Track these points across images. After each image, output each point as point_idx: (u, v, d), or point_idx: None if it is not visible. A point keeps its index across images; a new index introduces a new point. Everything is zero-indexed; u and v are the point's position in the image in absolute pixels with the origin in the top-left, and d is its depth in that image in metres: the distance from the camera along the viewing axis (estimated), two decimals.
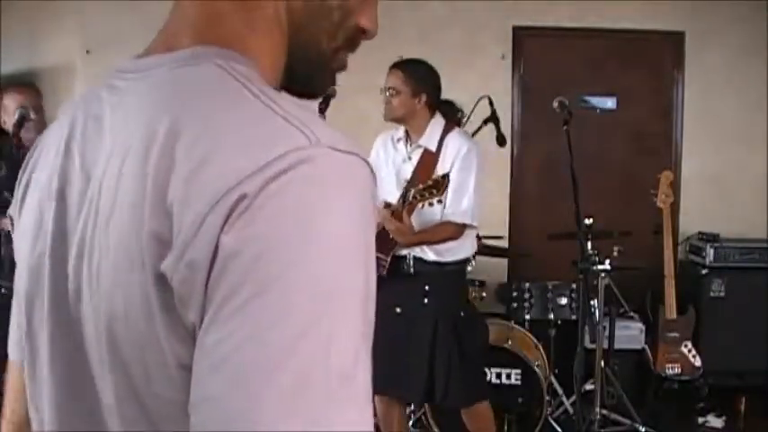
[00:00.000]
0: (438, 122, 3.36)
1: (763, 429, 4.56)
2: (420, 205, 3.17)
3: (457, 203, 3.24)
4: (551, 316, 4.37)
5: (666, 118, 5.36)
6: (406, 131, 3.41)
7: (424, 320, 3.30)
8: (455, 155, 3.27)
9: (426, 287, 3.31)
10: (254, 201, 0.59)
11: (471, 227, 3.31)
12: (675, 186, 4.81)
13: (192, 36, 0.75)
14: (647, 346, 4.58)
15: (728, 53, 5.21)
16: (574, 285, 4.28)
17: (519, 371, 3.87)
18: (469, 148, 3.28)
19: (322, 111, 3.33)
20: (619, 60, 5.27)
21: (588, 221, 3.80)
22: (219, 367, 0.57)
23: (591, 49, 5.25)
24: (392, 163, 3.45)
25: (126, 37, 5.02)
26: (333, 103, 3.49)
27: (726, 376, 4.69)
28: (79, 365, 0.72)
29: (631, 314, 4.71)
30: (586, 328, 3.72)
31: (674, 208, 4.86)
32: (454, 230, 3.26)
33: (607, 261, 3.96)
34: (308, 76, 0.83)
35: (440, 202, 3.16)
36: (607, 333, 4.18)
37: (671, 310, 4.50)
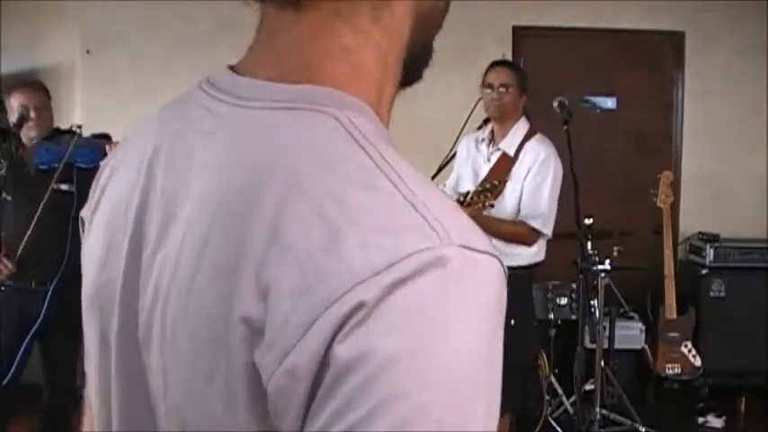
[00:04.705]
0: (521, 127, 3.37)
1: (763, 429, 4.56)
2: (475, 207, 3.19)
3: (532, 207, 3.24)
4: (551, 316, 4.37)
5: (666, 118, 5.35)
6: (491, 133, 3.42)
7: None
8: (532, 162, 3.29)
9: None
10: (375, 310, 0.52)
11: (543, 236, 3.28)
12: (675, 186, 4.81)
13: (306, 67, 0.65)
14: (647, 346, 4.59)
15: (728, 53, 5.21)
16: (574, 285, 4.28)
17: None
18: (547, 157, 3.29)
19: None
20: (619, 60, 5.27)
21: (588, 221, 3.81)
22: None
23: (591, 49, 5.25)
24: (472, 163, 3.47)
25: (126, 37, 5.03)
26: None
27: (726, 376, 4.69)
28: (145, 413, 0.67)
29: (631, 314, 4.72)
30: (586, 328, 3.73)
31: (674, 208, 4.86)
32: (526, 233, 3.24)
33: (607, 261, 3.96)
34: (418, 70, 0.75)
35: (492, 206, 3.17)
36: (607, 333, 4.19)
37: (671, 310, 4.50)
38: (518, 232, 3.25)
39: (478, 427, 0.53)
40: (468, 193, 3.29)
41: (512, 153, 3.32)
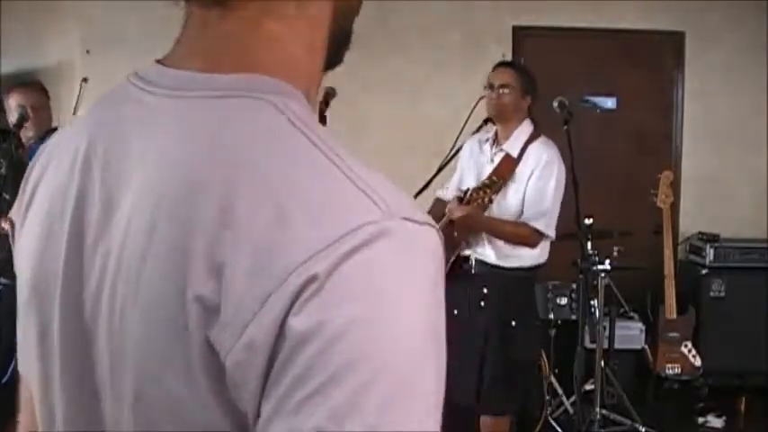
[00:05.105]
0: (525, 129, 3.35)
1: (763, 429, 4.56)
2: (475, 204, 3.20)
3: (535, 209, 3.24)
4: (551, 316, 4.37)
5: (666, 118, 5.36)
6: (495, 134, 3.42)
7: (478, 324, 3.27)
8: (535, 164, 3.27)
9: (484, 290, 3.28)
10: (326, 282, 0.54)
11: (546, 237, 3.27)
12: (675, 186, 4.80)
13: (237, 58, 0.66)
14: (647, 346, 4.59)
15: (728, 53, 5.21)
16: (574, 285, 4.28)
17: None
18: (550, 159, 3.27)
19: (322, 111, 3.34)
20: (619, 60, 5.27)
21: (588, 221, 3.81)
22: None
23: (591, 49, 5.25)
24: (475, 163, 3.46)
25: (126, 37, 5.03)
26: (333, 103, 3.48)
27: (726, 376, 4.69)
28: (90, 404, 0.67)
29: (631, 314, 4.72)
30: (586, 328, 3.73)
31: (674, 208, 4.86)
32: (529, 234, 3.23)
33: (607, 261, 3.96)
34: (340, 54, 0.76)
35: (491, 201, 3.18)
36: (607, 333, 4.19)
37: (671, 310, 4.50)
38: (521, 233, 3.25)
39: (431, 388, 0.57)
40: (468, 190, 3.30)
41: (515, 154, 3.32)
